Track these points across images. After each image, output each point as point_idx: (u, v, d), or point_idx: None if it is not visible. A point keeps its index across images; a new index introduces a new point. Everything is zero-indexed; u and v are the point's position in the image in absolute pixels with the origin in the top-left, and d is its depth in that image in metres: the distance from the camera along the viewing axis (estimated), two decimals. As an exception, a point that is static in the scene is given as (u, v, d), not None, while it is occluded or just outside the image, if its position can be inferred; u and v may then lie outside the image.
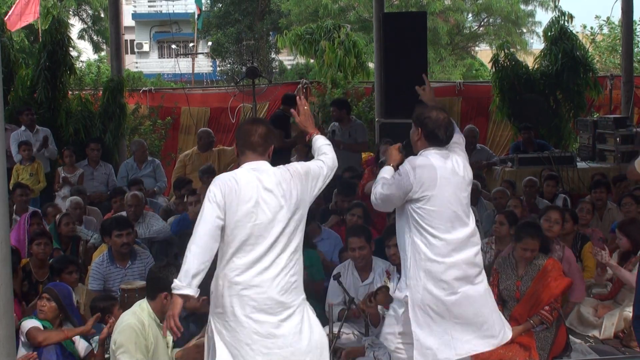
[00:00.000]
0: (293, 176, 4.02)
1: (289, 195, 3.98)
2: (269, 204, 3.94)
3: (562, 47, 11.93)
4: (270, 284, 3.94)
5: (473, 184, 8.17)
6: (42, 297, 5.28)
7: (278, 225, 3.95)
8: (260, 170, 4.00)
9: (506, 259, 5.77)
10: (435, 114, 4.47)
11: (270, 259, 3.94)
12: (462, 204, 4.47)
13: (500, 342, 4.55)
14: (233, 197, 3.91)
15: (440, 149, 4.47)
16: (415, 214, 4.37)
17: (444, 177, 4.38)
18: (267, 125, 4.13)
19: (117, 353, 4.65)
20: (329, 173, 4.19)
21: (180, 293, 3.85)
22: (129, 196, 7.66)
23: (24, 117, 9.92)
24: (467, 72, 25.44)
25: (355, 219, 6.89)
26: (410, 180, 4.33)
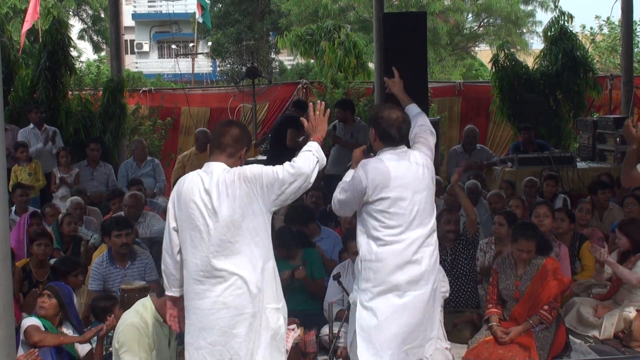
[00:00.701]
0: (236, 178, 3.90)
1: (225, 197, 3.87)
2: (206, 205, 3.90)
3: (562, 47, 11.94)
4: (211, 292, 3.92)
5: (472, 185, 8.29)
6: (43, 293, 5.29)
7: (217, 230, 3.88)
8: (207, 171, 4.00)
9: (505, 259, 5.77)
10: (387, 113, 4.38)
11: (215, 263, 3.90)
12: (419, 203, 4.33)
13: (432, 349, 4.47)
14: (177, 198, 4.03)
15: (396, 148, 4.37)
16: (368, 215, 4.31)
17: (397, 177, 4.28)
18: (241, 128, 4.09)
19: (120, 352, 4.66)
20: (291, 180, 3.90)
21: (166, 294, 4.18)
22: (128, 196, 7.66)
23: (33, 115, 10.00)
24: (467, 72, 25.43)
25: (349, 218, 6.88)
26: (363, 183, 4.27)
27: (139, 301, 4.93)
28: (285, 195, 3.94)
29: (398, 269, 4.27)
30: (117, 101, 11.23)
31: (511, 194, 8.50)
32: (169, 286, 4.13)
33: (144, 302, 4.85)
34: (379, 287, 4.28)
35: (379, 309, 4.28)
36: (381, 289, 4.28)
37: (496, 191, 8.32)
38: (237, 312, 3.89)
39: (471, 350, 5.54)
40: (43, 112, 10.17)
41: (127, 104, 11.72)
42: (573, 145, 12.07)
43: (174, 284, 4.11)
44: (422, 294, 4.32)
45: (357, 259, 4.41)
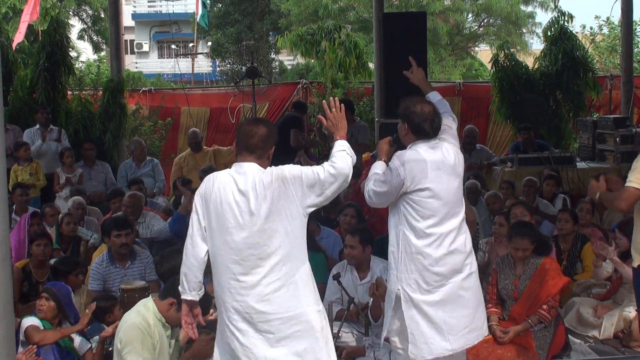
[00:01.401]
0: (274, 179, 3.80)
1: (263, 199, 3.77)
2: (240, 207, 3.79)
3: (562, 48, 11.93)
4: (248, 292, 3.81)
5: (472, 184, 8.29)
6: (42, 296, 5.29)
7: (250, 230, 3.79)
8: (240, 172, 3.86)
9: (504, 259, 5.77)
10: (420, 108, 4.43)
11: (248, 266, 3.81)
12: (454, 193, 4.42)
13: (484, 334, 4.56)
14: (207, 198, 3.88)
15: (429, 140, 4.44)
16: (407, 206, 4.36)
17: (434, 168, 4.36)
18: (268, 127, 3.97)
19: (124, 352, 4.65)
20: (332, 180, 3.82)
21: (182, 297, 4.00)
22: (127, 197, 7.66)
23: (39, 116, 10.04)
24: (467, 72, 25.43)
25: (348, 219, 6.89)
26: (401, 176, 4.31)
27: (141, 301, 4.93)
28: (325, 196, 3.86)
29: (440, 260, 4.34)
30: (117, 101, 11.22)
31: (511, 195, 8.49)
32: (189, 289, 3.95)
33: (145, 302, 4.84)
34: (423, 277, 4.33)
35: (426, 300, 4.33)
36: (426, 279, 4.33)
37: (494, 192, 8.32)
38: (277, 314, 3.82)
39: (470, 349, 5.50)
40: (49, 112, 10.19)
41: (127, 104, 11.71)
42: (573, 145, 12.06)
43: (195, 287, 3.95)
44: (466, 277, 4.40)
45: (394, 250, 4.42)
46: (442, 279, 4.35)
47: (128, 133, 11.84)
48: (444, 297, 4.35)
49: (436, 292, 4.35)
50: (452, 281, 4.36)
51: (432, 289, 4.35)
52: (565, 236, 6.89)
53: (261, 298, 3.79)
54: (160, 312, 4.76)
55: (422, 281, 4.34)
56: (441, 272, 4.34)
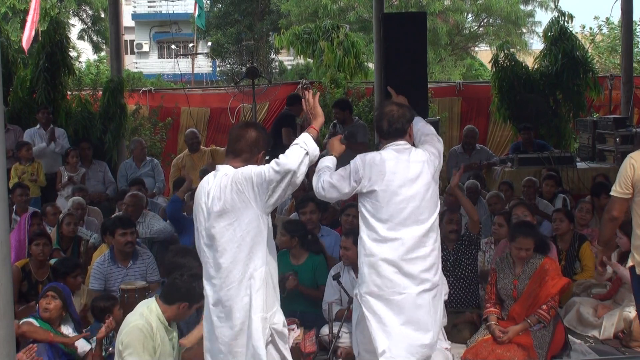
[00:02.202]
0: (230, 183, 3.86)
1: (217, 200, 3.87)
2: (203, 208, 3.96)
3: (562, 48, 11.93)
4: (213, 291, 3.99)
5: (472, 184, 8.29)
6: (47, 295, 5.25)
7: (214, 232, 3.91)
8: (215, 174, 3.99)
9: (504, 258, 5.77)
10: (385, 107, 4.50)
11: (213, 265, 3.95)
12: (415, 200, 4.33)
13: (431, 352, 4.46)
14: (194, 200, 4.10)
15: (399, 143, 4.42)
16: (364, 208, 4.38)
17: (393, 172, 4.32)
18: (259, 132, 3.98)
19: (125, 354, 4.64)
20: (275, 177, 3.78)
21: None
22: (128, 196, 7.66)
23: (40, 116, 10.07)
24: (467, 72, 25.43)
25: (350, 219, 6.88)
26: (360, 174, 4.33)
27: (143, 303, 4.92)
28: (276, 194, 3.83)
29: (392, 266, 4.29)
30: (117, 101, 11.21)
31: (510, 196, 8.49)
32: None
33: (148, 304, 4.83)
34: (374, 282, 4.31)
35: (377, 305, 4.31)
36: (377, 283, 4.31)
37: (495, 192, 8.32)
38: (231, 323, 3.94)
39: (470, 349, 5.54)
40: (50, 113, 10.19)
41: (127, 105, 11.71)
42: (573, 145, 12.06)
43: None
44: (422, 293, 4.33)
45: (359, 253, 4.46)
46: (394, 286, 4.28)
47: (128, 133, 11.83)
48: (397, 306, 4.29)
49: (390, 299, 4.29)
50: (406, 292, 4.30)
51: (385, 295, 4.29)
52: (563, 236, 6.89)
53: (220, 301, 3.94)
54: (164, 315, 4.74)
55: (374, 285, 4.31)
56: (394, 280, 4.28)
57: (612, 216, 4.75)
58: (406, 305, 4.30)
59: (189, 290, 4.68)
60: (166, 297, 4.78)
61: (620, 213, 4.73)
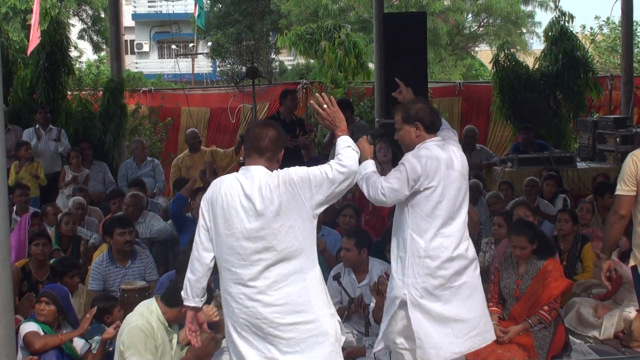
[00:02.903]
0: (281, 182, 3.71)
1: (270, 202, 3.68)
2: (247, 211, 3.71)
3: (562, 48, 11.94)
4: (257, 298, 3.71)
5: (474, 183, 8.29)
6: (41, 300, 5.25)
7: (258, 234, 3.70)
8: (247, 175, 3.77)
9: (507, 258, 5.76)
10: (422, 105, 4.44)
11: (256, 271, 3.72)
12: (460, 195, 4.39)
13: (492, 338, 4.52)
14: (214, 203, 3.80)
15: (436, 139, 4.41)
16: (417, 207, 4.31)
17: (445, 167, 4.33)
18: (278, 130, 3.90)
19: (126, 354, 4.64)
20: (339, 178, 3.75)
21: (185, 304, 3.93)
22: (128, 196, 7.66)
23: (38, 116, 10.05)
24: (467, 72, 25.43)
25: (347, 219, 6.89)
26: (419, 171, 4.25)
27: (143, 303, 4.92)
28: (334, 195, 3.78)
29: (446, 263, 4.30)
30: (117, 101, 11.22)
31: (510, 195, 8.49)
32: (192, 296, 3.87)
33: (148, 304, 4.82)
34: (430, 282, 4.29)
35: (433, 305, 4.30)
36: (433, 283, 4.29)
37: (495, 192, 8.31)
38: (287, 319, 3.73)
39: (471, 349, 5.53)
40: (48, 112, 10.19)
41: (127, 105, 11.71)
42: (573, 146, 12.06)
43: (198, 293, 3.88)
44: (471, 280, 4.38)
45: (400, 254, 4.37)
46: (448, 282, 4.31)
47: (128, 133, 11.84)
48: (450, 300, 4.32)
49: (443, 296, 4.31)
50: (457, 284, 4.33)
51: (438, 293, 4.30)
52: (565, 236, 6.88)
53: (271, 303, 3.70)
54: (164, 316, 4.74)
55: (430, 285, 4.30)
56: (447, 276, 4.30)
57: (620, 215, 4.72)
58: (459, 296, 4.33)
59: None
60: (168, 300, 4.77)
61: (628, 212, 4.71)
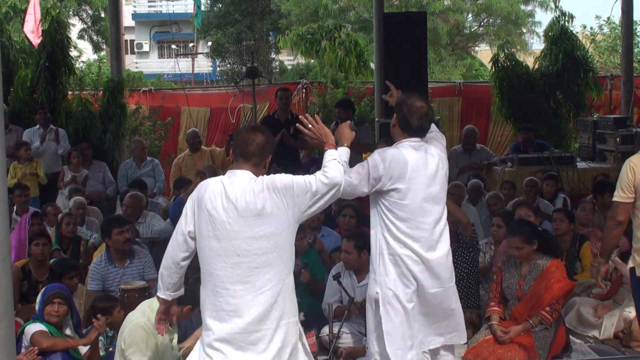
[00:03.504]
0: (265, 188, 3.74)
1: (252, 206, 3.71)
2: (228, 214, 3.72)
3: (562, 48, 11.94)
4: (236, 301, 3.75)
5: (476, 184, 8.29)
6: (54, 302, 5.20)
7: (239, 238, 3.72)
8: (232, 179, 3.79)
9: (510, 258, 5.74)
10: (412, 101, 4.34)
11: (237, 274, 3.74)
12: (434, 198, 4.33)
13: (463, 338, 4.52)
14: (200, 204, 3.82)
15: (414, 140, 4.35)
16: (384, 207, 4.28)
17: (414, 170, 4.26)
18: (266, 135, 3.91)
19: (128, 352, 4.65)
20: (324, 189, 3.78)
21: (157, 295, 4.03)
22: (127, 197, 7.66)
23: (38, 116, 10.05)
24: (467, 72, 25.43)
25: (347, 219, 6.88)
26: (380, 171, 4.22)
27: (145, 302, 4.93)
28: (317, 206, 3.82)
29: (418, 264, 4.27)
30: (117, 101, 11.22)
31: (512, 195, 8.49)
32: (164, 288, 3.96)
33: (150, 303, 4.83)
34: (401, 281, 4.27)
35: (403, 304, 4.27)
36: (403, 282, 4.27)
37: (495, 192, 8.31)
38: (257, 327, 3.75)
39: (471, 349, 5.53)
40: (48, 112, 10.19)
41: (127, 104, 11.71)
42: (573, 145, 12.06)
43: (168, 287, 3.95)
44: (442, 292, 4.35)
45: (373, 251, 4.37)
46: (418, 284, 4.27)
47: (128, 133, 11.84)
48: (422, 302, 4.30)
49: (414, 297, 4.28)
50: (432, 292, 4.30)
51: (410, 293, 4.27)
52: (563, 236, 6.88)
53: (249, 306, 3.73)
54: None
55: (400, 285, 4.27)
56: (419, 279, 4.27)
57: (618, 221, 4.76)
58: (432, 301, 4.31)
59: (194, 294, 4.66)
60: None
61: (626, 218, 4.75)
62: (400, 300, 4.27)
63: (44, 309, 5.20)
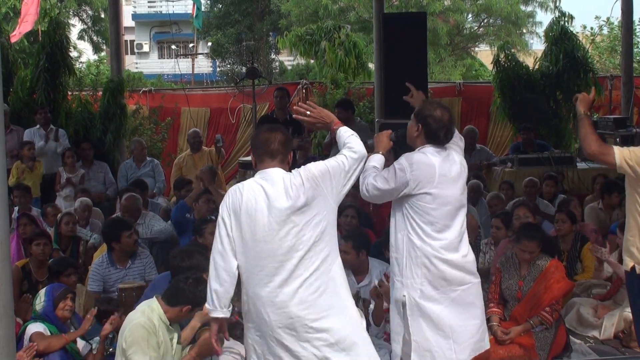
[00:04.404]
0: (305, 180, 3.80)
1: (296, 200, 3.76)
2: (275, 213, 3.76)
3: (562, 48, 11.94)
4: (291, 299, 3.76)
5: (475, 184, 8.29)
6: (67, 297, 5.23)
7: (288, 234, 3.76)
8: (267, 179, 3.83)
9: (509, 259, 5.75)
10: (439, 113, 4.36)
11: (287, 272, 3.76)
12: (456, 201, 4.37)
13: (486, 347, 4.48)
14: (237, 210, 3.81)
15: (438, 146, 4.39)
16: (410, 211, 4.30)
17: (441, 174, 4.30)
18: (284, 133, 3.97)
19: (129, 352, 4.63)
20: (355, 165, 3.94)
21: (212, 316, 3.90)
22: (124, 199, 7.64)
23: (38, 116, 10.06)
24: (467, 72, 25.43)
25: (348, 219, 6.87)
26: (407, 176, 4.24)
27: (145, 302, 4.92)
28: (350, 183, 3.94)
29: (446, 267, 4.28)
30: (117, 102, 11.21)
31: (511, 195, 8.48)
32: (220, 307, 3.85)
33: (149, 303, 4.82)
34: (430, 283, 4.28)
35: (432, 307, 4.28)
36: (433, 285, 4.28)
37: (495, 193, 8.31)
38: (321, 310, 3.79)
39: (471, 350, 5.53)
40: (48, 112, 10.19)
41: (127, 105, 11.71)
42: (573, 146, 12.05)
43: (226, 304, 3.86)
44: (472, 286, 4.37)
45: (399, 255, 4.36)
46: (449, 285, 4.29)
47: (128, 133, 11.84)
48: (451, 304, 4.30)
49: (443, 299, 4.29)
50: (459, 289, 4.31)
51: (438, 296, 4.29)
52: (564, 236, 6.88)
53: (303, 302, 3.75)
54: (166, 315, 4.74)
55: (429, 287, 4.28)
56: (447, 279, 4.28)
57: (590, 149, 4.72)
58: (460, 301, 4.31)
59: (194, 294, 4.68)
60: (169, 299, 4.78)
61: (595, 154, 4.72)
62: (429, 303, 4.28)
63: (57, 306, 5.20)
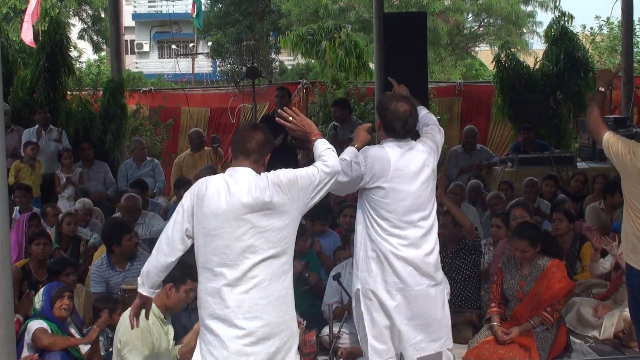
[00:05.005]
0: (270, 184, 3.72)
1: (257, 203, 3.68)
2: (234, 211, 3.69)
3: (562, 48, 11.94)
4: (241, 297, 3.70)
5: (475, 184, 8.29)
6: (64, 296, 5.23)
7: (244, 234, 3.69)
8: (234, 176, 3.78)
9: (511, 259, 5.74)
10: (394, 106, 4.32)
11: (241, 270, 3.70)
12: (417, 197, 4.31)
13: (442, 347, 4.43)
14: (200, 202, 3.77)
15: (401, 140, 4.34)
16: (369, 205, 4.29)
17: (396, 169, 4.26)
18: (265, 133, 3.91)
19: (124, 352, 4.64)
20: (326, 179, 3.83)
21: (138, 290, 3.95)
22: (123, 199, 7.63)
23: (38, 116, 10.03)
24: (467, 72, 25.43)
25: (347, 219, 6.88)
26: (361, 170, 4.23)
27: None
28: (319, 196, 3.85)
29: (400, 263, 4.25)
30: (117, 102, 11.21)
31: (510, 195, 8.48)
32: (149, 286, 3.90)
33: None
34: (382, 278, 4.26)
35: (383, 302, 4.27)
36: (385, 280, 4.26)
37: (496, 193, 8.30)
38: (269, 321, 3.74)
39: (472, 350, 5.54)
40: (48, 112, 10.19)
41: (127, 105, 11.70)
42: (573, 145, 12.06)
43: (153, 285, 3.91)
44: (423, 290, 4.31)
45: (357, 248, 4.37)
46: (402, 283, 4.25)
47: (128, 133, 11.84)
48: (402, 302, 4.27)
49: (395, 296, 4.26)
50: (414, 289, 4.27)
51: (391, 292, 4.26)
52: (563, 236, 6.88)
53: (254, 303, 3.71)
54: (158, 306, 4.73)
55: (381, 283, 4.26)
56: (401, 276, 4.24)
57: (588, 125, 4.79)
58: (416, 301, 4.28)
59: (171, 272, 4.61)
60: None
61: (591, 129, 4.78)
62: (381, 298, 4.26)
63: (53, 304, 5.20)
